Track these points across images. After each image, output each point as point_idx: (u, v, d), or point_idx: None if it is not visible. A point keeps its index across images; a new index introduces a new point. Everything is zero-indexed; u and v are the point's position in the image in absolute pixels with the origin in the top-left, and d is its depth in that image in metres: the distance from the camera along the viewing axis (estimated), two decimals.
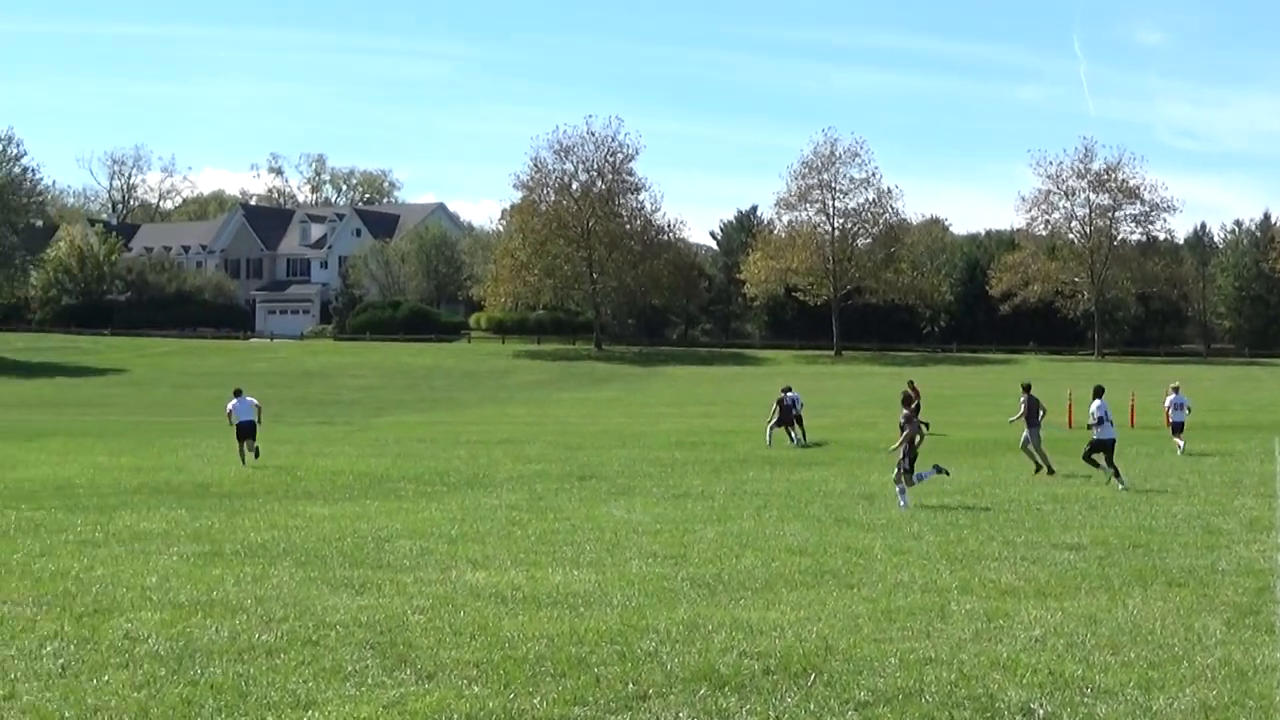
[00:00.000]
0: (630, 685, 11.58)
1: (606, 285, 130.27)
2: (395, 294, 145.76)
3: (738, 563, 18.54)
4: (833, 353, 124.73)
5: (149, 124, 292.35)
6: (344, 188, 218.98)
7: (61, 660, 12.49)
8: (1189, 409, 42.52)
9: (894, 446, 27.68)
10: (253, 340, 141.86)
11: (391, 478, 33.51)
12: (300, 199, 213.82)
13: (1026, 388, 36.51)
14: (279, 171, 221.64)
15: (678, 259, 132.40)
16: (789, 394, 46.88)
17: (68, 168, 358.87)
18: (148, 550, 19.82)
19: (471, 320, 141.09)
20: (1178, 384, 44.60)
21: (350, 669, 12.14)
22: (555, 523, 23.47)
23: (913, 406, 28.62)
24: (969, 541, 20.75)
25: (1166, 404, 42.78)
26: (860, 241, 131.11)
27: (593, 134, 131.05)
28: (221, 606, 15.11)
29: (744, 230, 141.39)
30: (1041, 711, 10.90)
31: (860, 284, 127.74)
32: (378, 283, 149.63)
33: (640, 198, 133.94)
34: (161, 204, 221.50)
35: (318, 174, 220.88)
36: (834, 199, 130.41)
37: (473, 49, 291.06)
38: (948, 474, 28.51)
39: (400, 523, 23.47)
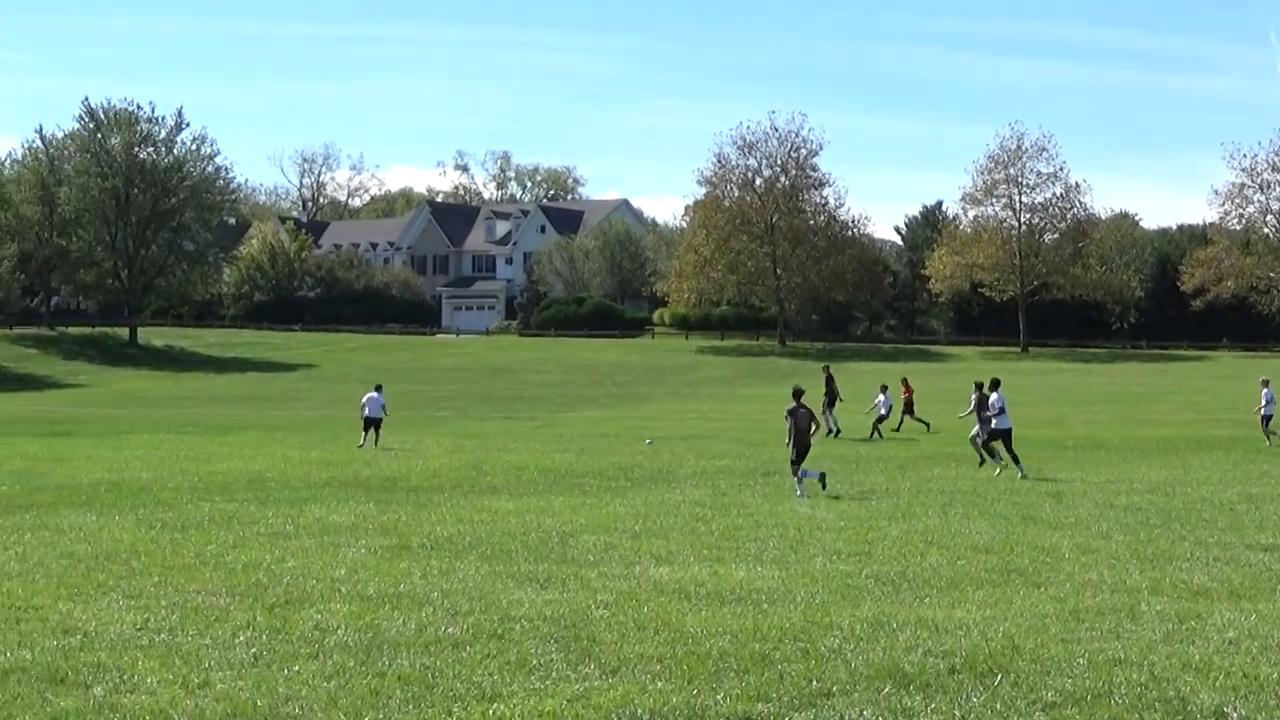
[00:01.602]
0: (814, 682, 11.53)
1: (790, 281, 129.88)
2: (579, 290, 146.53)
3: (922, 560, 18.39)
4: (1019, 349, 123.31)
5: (338, 122, 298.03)
6: (529, 184, 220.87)
7: (254, 650, 12.69)
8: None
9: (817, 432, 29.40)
10: (439, 336, 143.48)
11: (576, 473, 33.67)
12: (486, 196, 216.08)
13: (979, 385, 36.59)
14: (465, 169, 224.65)
15: (862, 255, 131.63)
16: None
17: (259, 166, 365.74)
18: (337, 543, 20.10)
19: (655, 316, 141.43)
20: (1268, 378, 45.16)
21: (535, 663, 12.20)
22: (739, 519, 23.43)
23: (801, 399, 29.22)
24: (1159, 541, 20.39)
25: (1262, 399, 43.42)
26: (1047, 237, 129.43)
27: (776, 129, 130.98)
28: (409, 599, 15.27)
29: (929, 226, 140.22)
30: (1235, 715, 10.67)
31: (1047, 280, 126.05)
32: (562, 279, 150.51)
33: (824, 193, 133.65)
34: (350, 201, 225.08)
35: (503, 171, 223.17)
36: (1021, 194, 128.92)
37: (657, 44, 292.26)
38: (824, 486, 28.12)
39: (584, 518, 23.56)
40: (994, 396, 34.10)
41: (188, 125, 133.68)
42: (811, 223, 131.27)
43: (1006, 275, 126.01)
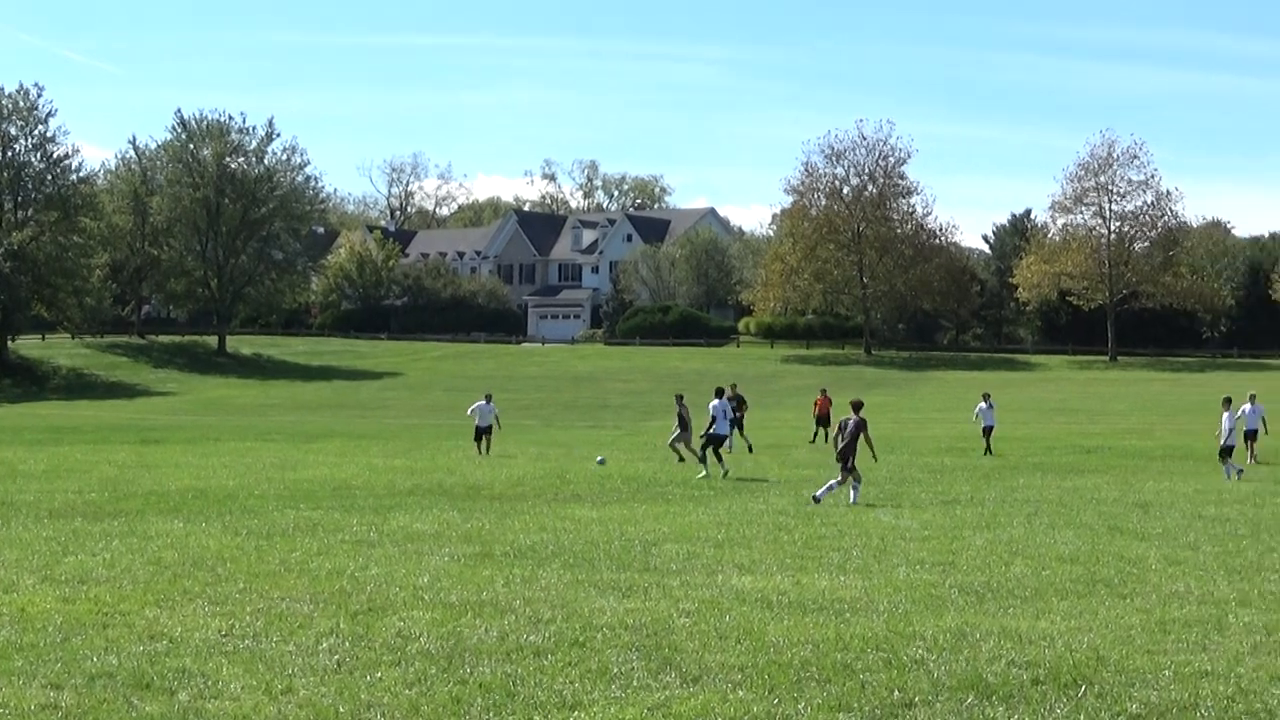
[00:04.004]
0: (896, 693, 11.49)
1: (877, 290, 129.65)
2: (665, 299, 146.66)
3: (1007, 570, 18.28)
4: (1107, 358, 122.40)
5: (426, 132, 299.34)
6: (615, 193, 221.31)
7: (337, 656, 12.77)
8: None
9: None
10: (524, 344, 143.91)
11: (659, 481, 33.68)
12: (573, 205, 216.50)
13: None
14: (552, 178, 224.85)
15: (949, 263, 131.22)
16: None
17: (348, 176, 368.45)
18: (420, 551, 20.17)
19: (740, 325, 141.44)
20: (1254, 393, 43.59)
21: (616, 671, 12.21)
22: (822, 528, 23.36)
23: (860, 411, 29.96)
24: (1248, 552, 20.19)
25: (1241, 412, 40.83)
26: (1138, 245, 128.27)
27: (864, 138, 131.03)
28: (491, 607, 15.32)
29: (1017, 234, 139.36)
30: None
31: (1137, 288, 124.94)
32: (648, 287, 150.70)
33: (912, 201, 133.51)
34: (437, 210, 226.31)
35: (590, 180, 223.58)
36: (1111, 202, 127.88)
37: (745, 52, 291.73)
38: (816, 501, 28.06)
39: (667, 526, 23.55)
40: (715, 403, 36.07)
41: (278, 135, 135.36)
42: (899, 231, 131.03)
43: (1095, 284, 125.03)
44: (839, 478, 28.42)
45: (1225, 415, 36.79)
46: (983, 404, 45.63)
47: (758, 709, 10.97)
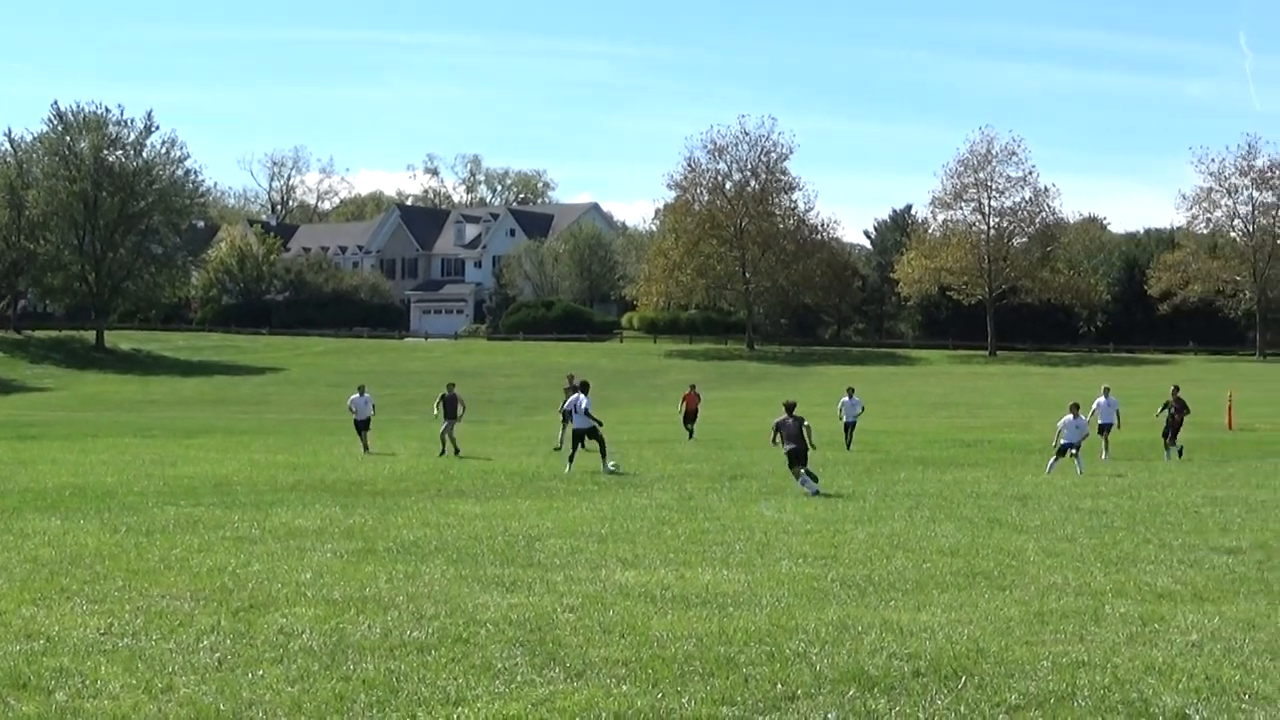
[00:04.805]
0: (779, 686, 11.54)
1: (759, 285, 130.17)
2: (549, 294, 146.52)
3: (888, 564, 18.42)
4: (987, 352, 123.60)
5: (308, 126, 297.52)
6: (499, 188, 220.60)
7: (218, 654, 12.66)
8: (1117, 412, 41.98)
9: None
10: (407, 339, 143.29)
11: (542, 476, 33.66)
12: (455, 200, 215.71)
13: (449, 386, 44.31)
14: (435, 172, 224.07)
15: (831, 258, 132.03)
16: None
17: (229, 169, 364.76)
18: (302, 547, 20.03)
19: (624, 320, 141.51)
20: (1108, 386, 43.98)
21: (500, 666, 12.19)
22: (705, 522, 23.43)
23: (793, 411, 29.89)
24: (1124, 544, 20.47)
25: (1095, 407, 41.40)
26: (1016, 241, 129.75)
27: (747, 133, 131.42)
28: (374, 603, 15.24)
29: (898, 229, 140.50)
30: (1198, 718, 10.71)
31: (1016, 283, 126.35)
32: (531, 282, 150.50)
33: (794, 197, 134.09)
34: (319, 205, 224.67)
35: (473, 174, 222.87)
36: (990, 198, 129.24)
37: (629, 48, 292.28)
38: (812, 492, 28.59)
39: (551, 521, 23.53)
40: (570, 399, 37.35)
41: (157, 129, 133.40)
42: (781, 226, 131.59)
43: (975, 279, 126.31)
44: (799, 475, 28.93)
45: (1066, 419, 36.41)
46: (845, 398, 46.03)
47: (641, 703, 10.99)
